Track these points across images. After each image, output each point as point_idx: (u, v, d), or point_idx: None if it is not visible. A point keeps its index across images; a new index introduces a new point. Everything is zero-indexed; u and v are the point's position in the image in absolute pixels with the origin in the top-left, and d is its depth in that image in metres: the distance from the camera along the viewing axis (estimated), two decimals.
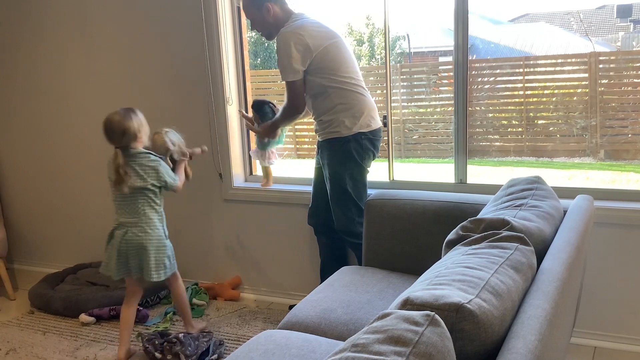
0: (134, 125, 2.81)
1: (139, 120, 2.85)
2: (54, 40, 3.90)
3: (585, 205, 2.16)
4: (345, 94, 2.90)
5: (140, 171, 2.81)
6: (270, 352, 1.93)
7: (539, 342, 1.18)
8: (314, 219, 3.23)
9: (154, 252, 2.89)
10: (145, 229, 2.88)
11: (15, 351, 3.11)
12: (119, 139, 2.81)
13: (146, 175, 2.83)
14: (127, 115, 2.83)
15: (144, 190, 2.85)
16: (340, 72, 2.89)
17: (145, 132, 2.88)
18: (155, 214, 2.94)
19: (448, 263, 1.50)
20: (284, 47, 2.87)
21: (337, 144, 2.94)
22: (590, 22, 5.00)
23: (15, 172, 4.30)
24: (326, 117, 2.93)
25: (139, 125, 2.84)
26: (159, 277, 2.90)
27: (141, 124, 2.85)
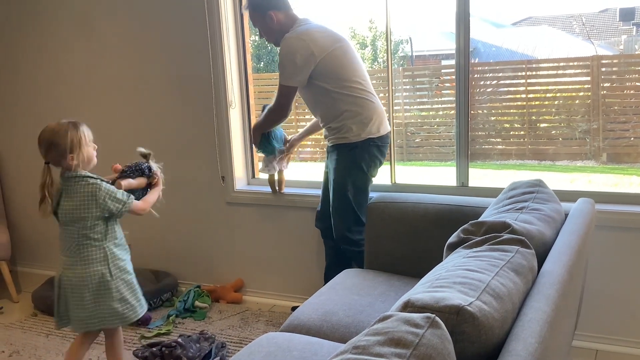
0: (66, 141, 2.39)
1: (78, 136, 2.42)
2: (58, 44, 3.91)
3: (586, 208, 2.16)
4: (352, 100, 2.87)
5: (75, 199, 2.44)
6: (272, 354, 1.94)
7: (539, 345, 1.19)
8: (321, 223, 3.21)
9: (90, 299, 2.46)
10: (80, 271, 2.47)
11: (18, 353, 3.13)
12: (45, 153, 2.45)
13: (81, 205, 2.43)
14: (64, 127, 2.42)
15: (79, 222, 2.45)
16: (347, 77, 2.87)
17: (86, 153, 2.46)
18: (95, 250, 2.48)
19: (449, 266, 1.51)
20: (286, 52, 2.87)
21: (345, 149, 2.92)
22: (593, 25, 5.01)
23: (18, 175, 4.31)
24: (334, 124, 2.92)
25: (75, 142, 2.41)
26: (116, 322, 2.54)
27: (79, 142, 2.42)
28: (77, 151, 2.41)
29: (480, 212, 2.28)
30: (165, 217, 3.85)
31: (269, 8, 2.93)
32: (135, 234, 4.01)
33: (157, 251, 3.93)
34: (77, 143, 2.41)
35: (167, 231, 3.86)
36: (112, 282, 2.49)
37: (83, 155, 2.45)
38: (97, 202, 2.42)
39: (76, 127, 2.44)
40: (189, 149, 3.66)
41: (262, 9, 2.95)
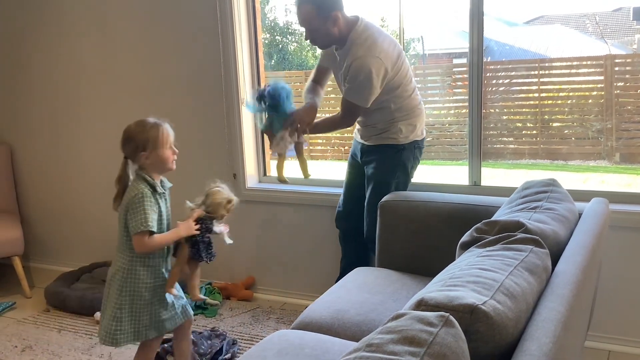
0: (142, 138, 2.33)
1: (155, 135, 2.34)
2: (71, 40, 3.93)
3: (600, 208, 2.15)
4: (404, 103, 2.85)
5: (125, 198, 2.38)
6: (283, 351, 1.94)
7: (553, 345, 1.18)
8: (344, 224, 3.14)
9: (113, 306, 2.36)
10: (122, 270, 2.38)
11: (31, 348, 3.15)
12: (121, 146, 2.41)
13: (124, 205, 2.37)
14: (144, 124, 2.37)
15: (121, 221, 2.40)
16: (405, 83, 2.84)
17: (160, 154, 2.36)
18: (121, 257, 2.40)
19: (462, 265, 1.51)
20: (365, 75, 2.69)
21: (391, 151, 2.90)
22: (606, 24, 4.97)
23: (32, 172, 4.34)
24: (382, 125, 2.88)
25: (150, 141, 2.33)
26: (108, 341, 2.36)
27: (155, 142, 2.33)
28: (150, 150, 2.33)
29: (493, 211, 2.27)
30: (177, 214, 3.86)
31: (334, 8, 2.70)
32: None
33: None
34: (152, 142, 2.33)
35: None
36: (118, 297, 2.34)
37: (157, 156, 2.35)
38: (127, 213, 2.33)
39: (157, 127, 2.35)
40: (201, 146, 3.67)
41: (327, 9, 2.68)
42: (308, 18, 2.71)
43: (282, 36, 5.63)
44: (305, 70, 5.05)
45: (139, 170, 2.38)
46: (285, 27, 5.57)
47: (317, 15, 2.68)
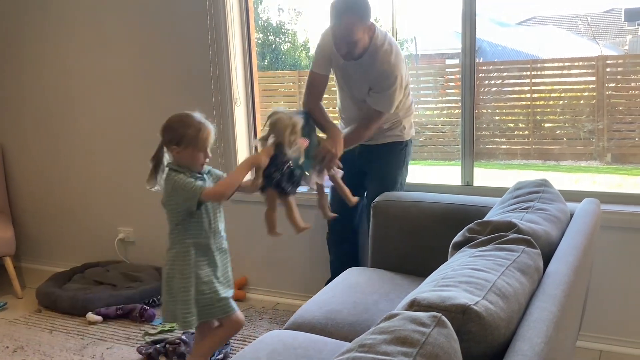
0: (178, 132, 2.34)
1: (192, 135, 2.33)
2: (63, 41, 3.92)
3: (591, 208, 2.16)
4: (406, 101, 2.89)
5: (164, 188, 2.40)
6: (276, 352, 1.94)
7: (545, 345, 1.19)
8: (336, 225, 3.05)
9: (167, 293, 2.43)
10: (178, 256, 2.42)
11: (22, 349, 3.13)
12: (160, 132, 2.41)
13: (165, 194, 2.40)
14: (187, 119, 2.39)
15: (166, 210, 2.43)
16: (408, 83, 2.87)
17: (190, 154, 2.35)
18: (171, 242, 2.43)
19: (455, 265, 1.51)
20: (397, 83, 2.68)
21: (397, 148, 2.93)
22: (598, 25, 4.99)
23: (23, 171, 4.32)
24: (388, 124, 2.90)
25: (184, 138, 2.33)
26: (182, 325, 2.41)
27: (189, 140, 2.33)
28: (183, 147, 2.33)
29: (485, 211, 2.28)
30: None
31: (370, 16, 2.64)
32: (139, 230, 4.02)
33: (162, 248, 3.91)
34: (187, 140, 2.32)
35: None
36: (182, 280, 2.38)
37: (187, 155, 2.35)
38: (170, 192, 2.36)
39: (198, 126, 2.34)
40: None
41: (368, 18, 2.61)
42: (352, 28, 2.57)
43: (275, 36, 5.62)
44: (298, 71, 5.04)
45: (170, 164, 2.39)
46: (278, 26, 5.56)
47: (361, 25, 2.58)
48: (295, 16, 5.49)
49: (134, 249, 4.07)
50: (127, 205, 4.00)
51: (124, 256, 4.09)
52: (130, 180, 3.94)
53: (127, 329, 3.29)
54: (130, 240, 4.06)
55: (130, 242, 4.07)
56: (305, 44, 5.58)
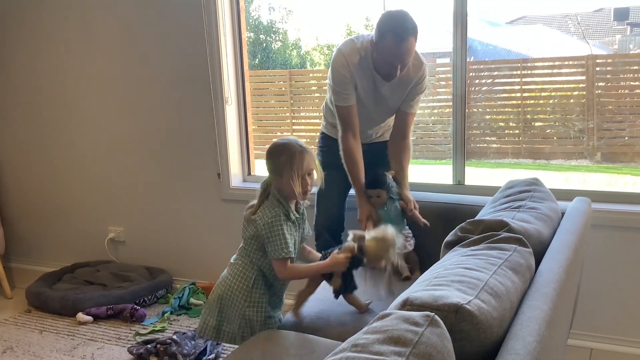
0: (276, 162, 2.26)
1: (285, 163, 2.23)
2: (54, 39, 3.90)
3: (582, 207, 2.17)
4: None
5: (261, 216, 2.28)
6: (268, 352, 1.94)
7: (537, 344, 1.19)
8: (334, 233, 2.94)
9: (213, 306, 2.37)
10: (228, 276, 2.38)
11: (12, 350, 3.11)
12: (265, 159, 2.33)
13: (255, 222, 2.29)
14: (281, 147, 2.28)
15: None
16: None
17: (286, 184, 2.23)
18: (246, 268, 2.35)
19: (447, 264, 1.51)
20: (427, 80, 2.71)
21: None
22: (588, 24, 5.01)
23: (13, 171, 4.29)
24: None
25: (280, 167, 2.24)
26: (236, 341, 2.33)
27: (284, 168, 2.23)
28: (276, 177, 2.26)
29: (477, 210, 2.28)
30: (160, 214, 3.85)
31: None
32: (129, 230, 4.01)
33: (152, 248, 3.92)
34: (281, 169, 2.23)
35: (162, 228, 3.85)
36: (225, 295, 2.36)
37: (285, 184, 2.24)
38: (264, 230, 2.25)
39: (290, 153, 2.23)
40: (185, 145, 3.66)
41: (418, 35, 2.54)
42: (412, 51, 2.52)
43: (266, 35, 5.61)
44: (289, 70, 5.03)
45: (275, 191, 2.29)
46: (269, 25, 5.55)
47: (416, 44, 2.53)
48: (286, 15, 5.48)
49: (124, 249, 4.05)
50: (118, 205, 3.99)
51: (114, 256, 4.07)
52: (121, 180, 3.92)
53: (117, 329, 3.28)
54: (120, 240, 4.04)
55: (120, 242, 4.05)
56: (296, 43, 5.57)
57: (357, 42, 2.63)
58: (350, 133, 2.71)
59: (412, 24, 2.48)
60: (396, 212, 2.60)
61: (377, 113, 2.81)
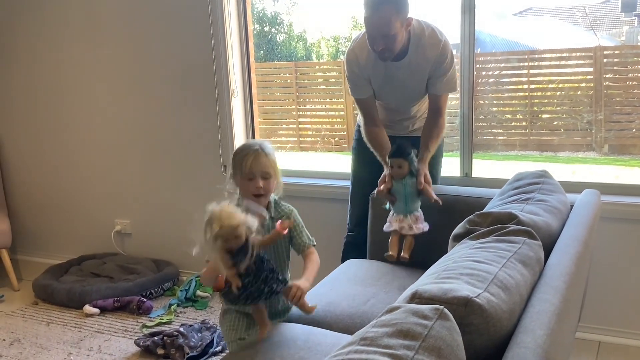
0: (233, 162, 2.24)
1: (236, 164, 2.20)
2: (57, 34, 3.89)
3: (592, 199, 2.15)
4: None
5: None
6: (275, 344, 1.93)
7: (547, 337, 1.18)
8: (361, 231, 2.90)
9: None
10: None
11: (19, 342, 3.12)
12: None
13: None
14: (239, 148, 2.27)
15: None
16: None
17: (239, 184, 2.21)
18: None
19: (455, 257, 1.50)
20: (453, 60, 2.61)
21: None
22: (595, 16, 4.98)
23: (19, 164, 4.30)
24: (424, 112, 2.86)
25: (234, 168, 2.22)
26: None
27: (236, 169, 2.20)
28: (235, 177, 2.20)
29: (485, 202, 2.27)
30: (167, 206, 3.85)
31: (409, 11, 2.47)
32: (136, 223, 4.01)
33: (159, 240, 3.92)
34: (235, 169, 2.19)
35: (168, 220, 3.85)
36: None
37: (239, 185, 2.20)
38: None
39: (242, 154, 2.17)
40: (191, 138, 3.65)
41: (406, 11, 2.45)
42: (390, 20, 2.39)
43: (271, 27, 5.60)
44: (295, 62, 5.02)
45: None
46: (273, 17, 5.53)
47: (398, 17, 2.40)
48: (290, 6, 5.46)
49: (130, 241, 4.06)
50: (124, 197, 3.99)
51: (120, 248, 4.08)
52: (127, 172, 3.92)
53: (124, 322, 3.28)
54: (127, 233, 4.05)
55: (127, 234, 4.06)
56: (302, 35, 5.55)
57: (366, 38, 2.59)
58: (371, 123, 2.73)
59: None
60: (412, 188, 2.52)
61: (400, 99, 2.77)
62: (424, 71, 2.61)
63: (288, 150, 4.94)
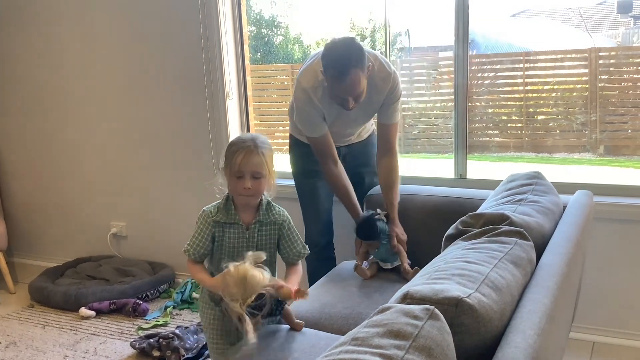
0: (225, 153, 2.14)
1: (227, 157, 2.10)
2: (55, 34, 3.89)
3: (584, 200, 2.16)
4: None
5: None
6: (270, 346, 1.94)
7: (538, 337, 1.19)
8: (327, 237, 2.96)
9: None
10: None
11: (15, 344, 3.12)
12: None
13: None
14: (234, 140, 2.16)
15: None
16: None
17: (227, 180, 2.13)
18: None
19: (447, 258, 1.51)
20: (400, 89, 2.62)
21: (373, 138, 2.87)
22: (591, 17, 4.99)
23: (15, 166, 4.30)
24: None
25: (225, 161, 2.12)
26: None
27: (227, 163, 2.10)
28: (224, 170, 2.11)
29: (479, 204, 2.28)
30: (162, 209, 3.85)
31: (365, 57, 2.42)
32: (132, 225, 4.01)
33: (154, 242, 3.92)
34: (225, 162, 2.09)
35: (164, 223, 3.85)
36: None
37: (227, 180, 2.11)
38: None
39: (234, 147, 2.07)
40: (187, 140, 3.65)
41: (365, 62, 2.41)
42: (360, 81, 2.39)
43: (268, 29, 5.59)
44: (291, 64, 5.02)
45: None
46: (271, 19, 5.54)
47: (363, 73, 2.40)
48: (287, 8, 5.46)
49: (126, 244, 4.06)
50: (120, 200, 3.99)
51: (116, 251, 4.08)
52: (123, 175, 3.92)
53: (120, 324, 3.29)
54: (122, 235, 4.05)
55: (122, 237, 4.06)
56: (298, 37, 5.56)
57: (318, 68, 2.49)
58: (330, 161, 2.65)
59: (354, 55, 2.35)
60: (387, 251, 2.55)
61: (351, 129, 2.80)
62: (377, 104, 2.63)
63: (284, 153, 4.94)
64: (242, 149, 2.03)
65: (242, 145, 2.04)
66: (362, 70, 2.37)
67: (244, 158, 2.02)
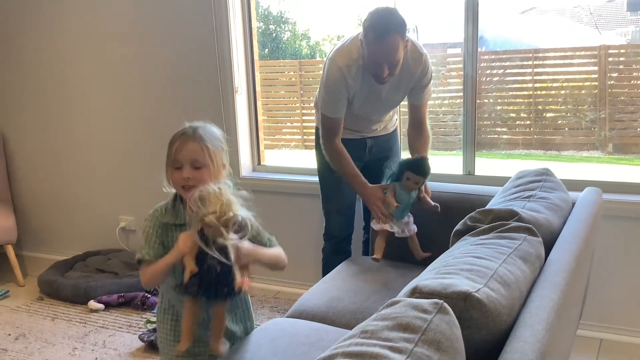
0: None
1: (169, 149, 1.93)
2: (63, 31, 3.91)
3: (593, 197, 2.16)
4: None
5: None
6: (278, 339, 1.95)
7: (546, 332, 1.19)
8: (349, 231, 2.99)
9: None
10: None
11: (24, 336, 3.15)
12: None
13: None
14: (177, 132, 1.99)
15: None
16: None
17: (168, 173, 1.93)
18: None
19: (456, 253, 1.51)
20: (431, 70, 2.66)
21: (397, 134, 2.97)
22: (601, 15, 4.97)
23: (24, 160, 4.32)
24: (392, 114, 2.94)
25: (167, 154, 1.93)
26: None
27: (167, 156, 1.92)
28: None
29: (487, 200, 2.28)
30: None
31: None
32: (141, 219, 4.02)
33: None
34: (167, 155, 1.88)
35: None
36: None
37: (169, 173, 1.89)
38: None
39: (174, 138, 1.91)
40: None
41: (405, 33, 2.43)
42: (397, 48, 2.38)
43: (276, 25, 5.60)
44: (299, 60, 5.03)
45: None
46: (279, 15, 5.54)
47: (403, 42, 2.41)
48: (295, 4, 5.46)
49: (135, 238, 4.08)
50: (129, 194, 4.01)
51: (125, 244, 4.10)
52: (131, 169, 3.94)
53: (128, 317, 3.31)
54: (131, 229, 4.07)
55: (131, 231, 4.08)
56: (306, 33, 5.56)
57: (353, 48, 2.51)
58: (336, 139, 2.68)
59: (397, 21, 2.37)
60: (413, 200, 2.59)
61: (379, 113, 2.81)
62: (407, 85, 2.65)
63: (292, 149, 4.94)
64: (179, 137, 1.87)
65: (179, 133, 1.88)
66: (402, 37, 2.39)
67: (179, 145, 1.85)
